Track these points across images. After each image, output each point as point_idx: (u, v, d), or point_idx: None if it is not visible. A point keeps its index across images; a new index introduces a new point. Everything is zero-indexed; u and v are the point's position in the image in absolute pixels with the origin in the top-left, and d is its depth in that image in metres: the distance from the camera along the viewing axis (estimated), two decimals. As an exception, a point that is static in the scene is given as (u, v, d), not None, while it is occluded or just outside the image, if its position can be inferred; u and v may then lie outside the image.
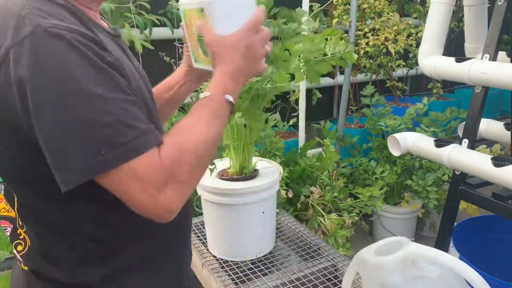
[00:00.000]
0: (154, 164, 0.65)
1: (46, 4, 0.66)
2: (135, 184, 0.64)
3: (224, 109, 0.77)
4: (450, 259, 0.84)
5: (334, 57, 1.31)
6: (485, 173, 1.60)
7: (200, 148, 0.71)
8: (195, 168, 0.70)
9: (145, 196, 0.65)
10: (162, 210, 0.66)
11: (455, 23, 3.18)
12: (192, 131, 0.72)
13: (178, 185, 0.67)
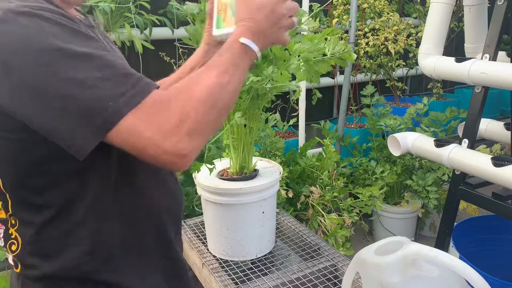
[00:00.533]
0: (162, 105, 0.65)
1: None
2: (146, 130, 0.63)
3: (242, 54, 0.77)
4: (450, 259, 0.84)
5: (333, 57, 1.31)
6: (485, 173, 1.60)
7: (213, 90, 0.69)
8: (208, 109, 0.68)
9: (157, 141, 0.63)
10: (175, 156, 0.65)
11: (455, 23, 3.18)
12: (202, 76, 0.71)
13: (190, 127, 0.65)
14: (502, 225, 2.01)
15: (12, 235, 0.79)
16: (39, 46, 0.61)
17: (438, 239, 1.91)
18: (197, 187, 1.42)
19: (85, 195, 0.74)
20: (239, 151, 1.40)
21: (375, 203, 2.21)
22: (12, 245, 0.80)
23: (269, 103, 1.43)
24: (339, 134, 2.79)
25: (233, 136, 1.39)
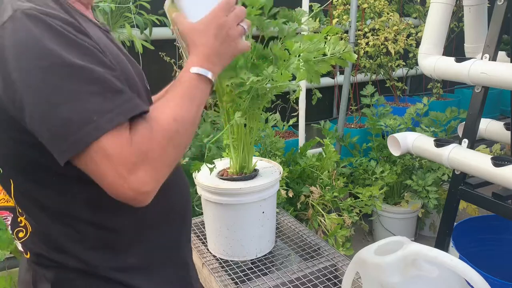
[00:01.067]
0: (123, 142, 0.64)
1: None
2: (105, 164, 0.63)
3: (195, 85, 0.76)
4: (450, 259, 0.84)
5: (333, 57, 1.31)
6: (485, 173, 1.60)
7: (172, 126, 0.69)
8: (167, 147, 0.68)
9: (115, 176, 0.64)
10: (133, 192, 0.65)
11: (455, 23, 3.18)
12: (163, 110, 0.71)
13: (150, 165, 0.66)
14: (502, 225, 2.01)
15: (21, 222, 0.80)
16: (38, 50, 0.63)
17: (438, 239, 1.91)
18: (197, 187, 1.42)
19: (90, 192, 0.74)
20: (239, 151, 1.40)
21: (375, 203, 2.21)
22: (19, 232, 0.80)
23: (269, 103, 1.43)
24: (339, 134, 2.79)
25: (233, 136, 1.40)
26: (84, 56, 0.65)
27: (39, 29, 0.64)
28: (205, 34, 0.79)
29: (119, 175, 0.63)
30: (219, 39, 0.79)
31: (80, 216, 0.76)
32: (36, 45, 0.63)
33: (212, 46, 0.79)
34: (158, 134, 0.67)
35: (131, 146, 0.65)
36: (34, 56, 0.62)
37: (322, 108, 3.38)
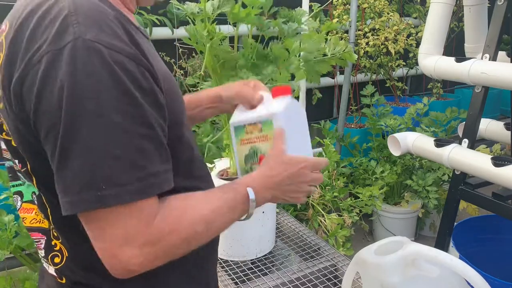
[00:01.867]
0: (146, 219, 0.61)
1: (91, 7, 0.61)
2: (116, 230, 0.60)
3: (240, 202, 0.74)
4: (450, 259, 0.84)
5: (333, 56, 1.31)
6: (485, 173, 1.60)
7: (199, 228, 0.67)
8: (184, 244, 0.66)
9: (116, 246, 0.60)
10: (122, 267, 0.62)
11: (455, 23, 3.18)
12: (198, 206, 0.69)
13: (155, 251, 0.63)
14: (502, 225, 2.01)
15: (56, 246, 0.75)
16: (88, 94, 0.57)
17: (438, 239, 1.91)
18: (197, 187, 1.42)
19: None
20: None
21: (375, 203, 2.21)
22: (55, 258, 0.75)
23: (269, 103, 1.42)
24: (339, 134, 2.79)
25: (233, 136, 1.39)
26: (130, 116, 0.59)
27: (96, 67, 0.57)
28: (285, 169, 0.79)
29: (122, 245, 0.60)
30: (290, 180, 0.79)
31: None
32: (83, 85, 0.57)
33: (281, 178, 0.78)
34: (183, 228, 0.65)
35: (148, 227, 0.61)
36: (75, 96, 0.57)
37: (322, 108, 3.38)
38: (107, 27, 0.60)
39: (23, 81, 0.59)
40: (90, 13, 0.60)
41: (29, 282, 1.67)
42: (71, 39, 0.57)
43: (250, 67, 1.33)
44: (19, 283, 1.72)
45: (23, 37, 0.61)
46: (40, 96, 0.58)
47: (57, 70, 0.57)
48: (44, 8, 0.61)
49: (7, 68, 0.62)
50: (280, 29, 1.40)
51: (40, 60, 0.58)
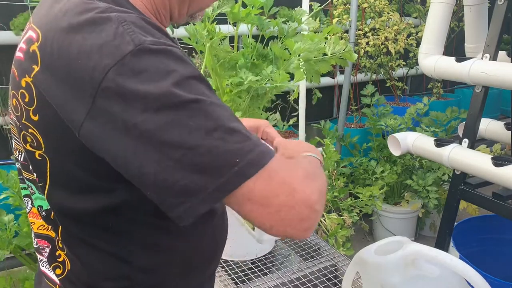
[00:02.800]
0: (289, 162, 0.63)
1: (137, 19, 0.59)
2: (279, 186, 0.57)
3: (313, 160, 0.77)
4: (450, 259, 0.84)
5: (333, 56, 1.31)
6: (485, 173, 1.60)
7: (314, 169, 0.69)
8: (322, 177, 0.67)
9: (289, 195, 0.57)
10: (307, 207, 0.58)
11: (455, 23, 3.18)
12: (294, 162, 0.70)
13: (316, 181, 0.61)
14: (502, 225, 2.01)
15: (60, 257, 0.73)
16: (165, 90, 0.54)
17: (438, 239, 1.91)
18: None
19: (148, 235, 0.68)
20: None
21: (375, 203, 2.21)
22: (56, 268, 0.73)
23: (269, 103, 1.43)
24: (339, 134, 2.79)
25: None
26: (209, 90, 0.59)
27: (169, 63, 0.56)
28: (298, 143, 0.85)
29: (293, 191, 0.57)
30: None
31: (133, 262, 0.70)
32: (164, 85, 0.54)
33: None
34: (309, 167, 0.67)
35: (295, 166, 0.62)
36: (163, 96, 0.54)
37: (322, 108, 3.38)
38: (154, 32, 0.59)
39: (93, 103, 0.55)
40: (136, 21, 0.58)
41: (29, 282, 1.67)
42: (132, 48, 0.54)
43: (250, 67, 1.33)
44: (19, 283, 1.72)
45: (69, 52, 0.56)
46: (124, 113, 0.54)
47: (131, 81, 0.53)
48: (88, 20, 0.57)
49: (52, 83, 0.58)
50: (280, 29, 1.40)
51: (104, 77, 0.54)
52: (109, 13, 0.58)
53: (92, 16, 0.57)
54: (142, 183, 0.57)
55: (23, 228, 1.67)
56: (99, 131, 0.55)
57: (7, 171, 1.73)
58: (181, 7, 0.71)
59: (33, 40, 0.62)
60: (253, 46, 1.39)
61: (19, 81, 0.63)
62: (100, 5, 0.59)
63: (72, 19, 0.58)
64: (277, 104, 2.82)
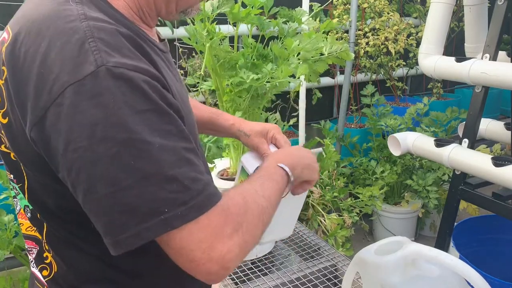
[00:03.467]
0: (220, 216, 0.60)
1: (108, 31, 0.57)
2: (197, 242, 0.57)
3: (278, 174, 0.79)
4: (450, 259, 0.83)
5: (330, 56, 1.31)
6: (485, 173, 1.60)
7: (263, 202, 0.68)
8: (258, 220, 0.66)
9: (204, 252, 0.58)
10: (218, 265, 0.59)
11: (455, 23, 3.18)
12: (250, 186, 0.71)
13: (242, 238, 0.61)
14: (502, 225, 2.01)
15: (47, 259, 0.72)
16: (118, 120, 0.54)
17: (438, 239, 1.91)
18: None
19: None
20: (239, 150, 1.40)
21: (375, 203, 2.21)
22: (43, 270, 0.73)
23: (269, 103, 1.43)
24: (339, 134, 2.79)
25: (233, 136, 1.39)
26: (167, 128, 0.57)
27: (126, 93, 0.54)
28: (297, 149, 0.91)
29: (209, 249, 0.58)
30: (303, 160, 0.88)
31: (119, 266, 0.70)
32: (117, 114, 0.53)
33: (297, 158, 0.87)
34: (252, 206, 0.65)
35: (227, 217, 0.60)
36: (112, 127, 0.53)
37: (322, 108, 3.38)
38: (127, 49, 0.58)
39: (45, 114, 0.55)
40: (107, 37, 0.57)
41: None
42: (94, 69, 0.53)
43: (250, 67, 1.33)
44: (19, 283, 1.72)
45: (34, 59, 0.56)
46: (70, 133, 0.54)
47: (85, 103, 0.53)
48: (57, 28, 0.57)
49: (16, 87, 0.58)
50: (280, 29, 1.40)
51: (62, 93, 0.54)
52: (80, 21, 0.57)
53: (62, 26, 0.57)
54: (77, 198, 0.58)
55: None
56: (44, 141, 0.56)
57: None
58: (168, 5, 0.70)
59: (5, 42, 0.62)
60: (253, 46, 1.39)
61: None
62: (73, 11, 0.58)
63: (42, 25, 0.58)
64: (277, 104, 2.82)
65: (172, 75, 0.70)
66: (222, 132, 1.06)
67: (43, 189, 0.65)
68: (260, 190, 0.70)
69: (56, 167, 0.58)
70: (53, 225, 0.69)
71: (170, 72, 0.70)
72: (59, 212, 0.67)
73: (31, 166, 0.64)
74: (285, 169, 0.80)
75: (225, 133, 1.06)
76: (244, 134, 0.98)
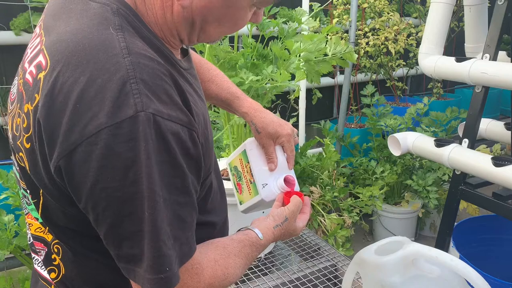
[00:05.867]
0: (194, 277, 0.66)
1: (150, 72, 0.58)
2: None
3: (258, 249, 0.81)
4: (450, 259, 0.84)
5: (334, 57, 1.31)
6: (485, 173, 1.60)
7: (233, 278, 0.72)
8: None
9: None
10: None
11: (455, 23, 3.18)
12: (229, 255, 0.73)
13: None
14: (502, 225, 2.01)
15: (55, 261, 0.73)
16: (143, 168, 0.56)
17: (438, 239, 1.91)
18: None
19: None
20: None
21: (375, 203, 2.21)
22: (51, 272, 0.74)
23: (269, 103, 1.43)
24: (339, 134, 2.79)
25: (233, 136, 1.39)
26: (175, 189, 0.61)
27: (153, 144, 0.56)
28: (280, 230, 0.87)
29: None
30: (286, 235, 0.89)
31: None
32: (145, 161, 0.55)
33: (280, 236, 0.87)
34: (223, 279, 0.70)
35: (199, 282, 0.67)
36: (140, 173, 0.55)
37: (322, 108, 3.38)
38: (165, 94, 0.58)
39: (75, 149, 0.55)
40: (148, 78, 0.57)
41: (29, 282, 1.67)
42: (133, 113, 0.54)
43: (250, 67, 1.33)
44: (19, 283, 1.72)
45: (71, 91, 0.56)
46: (100, 172, 0.55)
47: (120, 146, 0.54)
48: (98, 63, 0.56)
49: (46, 116, 0.57)
50: (280, 29, 1.40)
51: (96, 133, 0.54)
52: (123, 57, 0.56)
53: (103, 61, 0.56)
54: (98, 230, 0.61)
55: (23, 228, 1.67)
56: (69, 174, 0.57)
57: (7, 171, 1.73)
58: (190, 37, 0.70)
59: (42, 68, 0.61)
60: (253, 46, 1.39)
61: (24, 104, 0.63)
62: (115, 43, 0.57)
63: (82, 58, 0.57)
64: (277, 104, 2.82)
65: (195, 95, 0.71)
66: (235, 114, 1.07)
67: (57, 211, 0.66)
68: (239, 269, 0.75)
69: (79, 198, 0.59)
70: (63, 239, 0.70)
71: (193, 91, 0.70)
72: (70, 230, 0.68)
73: (47, 191, 0.64)
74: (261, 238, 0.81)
75: (238, 116, 1.07)
76: (255, 129, 0.98)
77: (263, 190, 0.95)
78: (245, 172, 0.99)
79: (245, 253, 0.76)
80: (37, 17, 2.24)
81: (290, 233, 0.89)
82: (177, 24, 0.66)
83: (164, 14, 0.65)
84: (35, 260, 0.77)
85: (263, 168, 0.96)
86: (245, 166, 0.99)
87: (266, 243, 0.82)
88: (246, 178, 0.99)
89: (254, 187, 0.96)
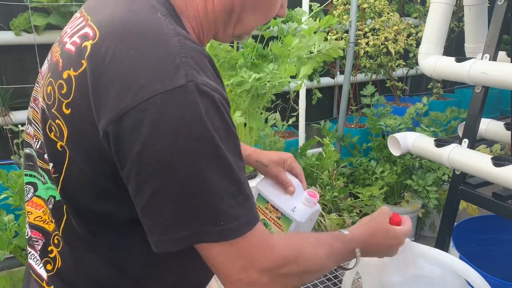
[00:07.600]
0: (267, 243, 0.64)
1: (196, 50, 0.61)
2: (240, 261, 0.62)
3: (347, 254, 0.79)
4: (450, 259, 0.84)
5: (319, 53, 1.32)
6: (485, 173, 1.60)
7: (314, 263, 0.71)
8: (301, 274, 0.69)
9: (244, 276, 0.62)
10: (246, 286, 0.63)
11: (455, 23, 3.18)
12: (315, 247, 0.72)
13: (275, 276, 0.65)
14: (502, 225, 2.01)
15: (52, 253, 0.73)
16: (200, 133, 0.57)
17: (438, 239, 1.91)
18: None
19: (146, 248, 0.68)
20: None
21: (375, 203, 2.21)
22: (47, 264, 0.74)
23: (269, 103, 1.43)
24: (339, 134, 2.79)
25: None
26: (233, 147, 0.62)
27: (209, 109, 0.58)
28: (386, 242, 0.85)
29: (250, 275, 0.62)
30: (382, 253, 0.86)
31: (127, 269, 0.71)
32: (200, 128, 0.57)
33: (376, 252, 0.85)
34: (301, 261, 0.68)
35: (273, 251, 0.65)
36: (194, 138, 0.57)
37: (322, 108, 3.38)
38: (208, 70, 0.61)
39: (125, 114, 0.56)
40: (195, 54, 0.60)
41: (29, 282, 1.67)
42: (184, 82, 0.56)
43: (250, 67, 1.33)
44: (19, 283, 1.72)
45: (122, 61, 0.58)
46: (150, 137, 0.56)
47: (172, 113, 0.56)
48: (149, 39, 0.59)
49: (95, 83, 0.59)
50: (280, 29, 1.40)
51: (148, 99, 0.56)
52: (172, 36, 0.59)
53: (153, 37, 0.59)
54: (136, 200, 0.60)
55: (23, 228, 1.67)
56: (117, 139, 0.58)
57: (7, 171, 1.73)
58: (225, 28, 0.74)
59: (89, 37, 0.63)
60: (253, 46, 1.39)
61: (61, 71, 0.64)
62: (163, 25, 0.61)
63: (134, 33, 0.60)
64: (277, 104, 2.82)
65: None
66: None
67: (82, 183, 0.66)
68: (323, 257, 0.73)
69: (122, 164, 0.59)
70: (76, 221, 0.69)
71: None
72: (87, 210, 0.67)
73: (83, 157, 0.64)
74: (357, 255, 0.80)
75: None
76: (262, 165, 1.01)
77: (295, 214, 0.94)
78: (268, 213, 0.98)
79: (324, 239, 0.76)
80: (37, 17, 2.24)
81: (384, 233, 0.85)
82: (217, 13, 0.70)
83: (205, 4, 0.69)
84: (31, 255, 0.77)
85: (283, 197, 0.97)
86: (265, 208, 0.99)
87: (353, 237, 0.80)
88: (272, 219, 0.98)
89: (285, 219, 0.96)
